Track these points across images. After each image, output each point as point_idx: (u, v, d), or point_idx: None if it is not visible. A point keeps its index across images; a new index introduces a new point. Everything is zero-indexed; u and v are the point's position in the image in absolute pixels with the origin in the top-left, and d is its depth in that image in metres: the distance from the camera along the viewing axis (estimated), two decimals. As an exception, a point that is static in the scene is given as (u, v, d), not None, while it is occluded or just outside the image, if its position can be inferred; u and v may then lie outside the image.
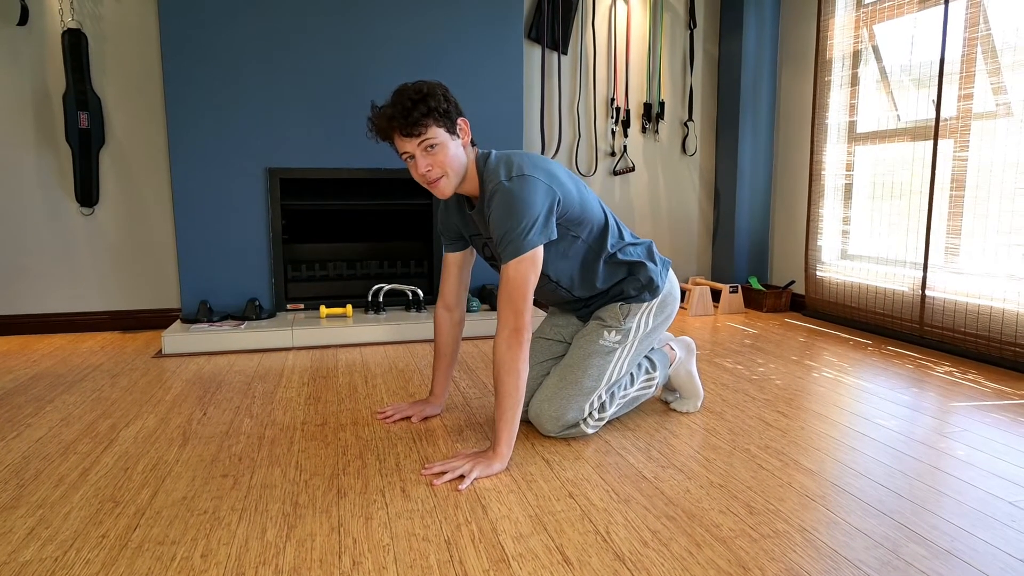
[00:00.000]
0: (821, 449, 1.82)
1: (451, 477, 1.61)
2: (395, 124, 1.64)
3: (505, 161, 1.71)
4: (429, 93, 1.63)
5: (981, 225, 2.77)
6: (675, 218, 4.25)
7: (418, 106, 1.61)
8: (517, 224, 1.63)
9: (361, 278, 3.58)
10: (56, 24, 3.19)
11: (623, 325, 1.90)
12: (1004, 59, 2.64)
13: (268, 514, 1.46)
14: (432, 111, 1.63)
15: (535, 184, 1.65)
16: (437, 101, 1.63)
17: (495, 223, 1.66)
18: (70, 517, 1.45)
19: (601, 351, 1.88)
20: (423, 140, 1.64)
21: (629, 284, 1.91)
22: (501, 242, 1.65)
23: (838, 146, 3.53)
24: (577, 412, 1.84)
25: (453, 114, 1.67)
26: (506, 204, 1.64)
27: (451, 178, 1.69)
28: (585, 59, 3.95)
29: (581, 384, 1.85)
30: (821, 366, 2.68)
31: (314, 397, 2.30)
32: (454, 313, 2.00)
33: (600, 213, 1.84)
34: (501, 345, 1.65)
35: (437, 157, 1.66)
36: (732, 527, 1.40)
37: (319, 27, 3.28)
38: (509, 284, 1.64)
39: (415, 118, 1.61)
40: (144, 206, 3.41)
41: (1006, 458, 1.76)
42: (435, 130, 1.64)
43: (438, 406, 2.08)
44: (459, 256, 1.97)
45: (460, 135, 1.70)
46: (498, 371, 1.66)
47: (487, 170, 1.71)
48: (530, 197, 1.64)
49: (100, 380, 2.52)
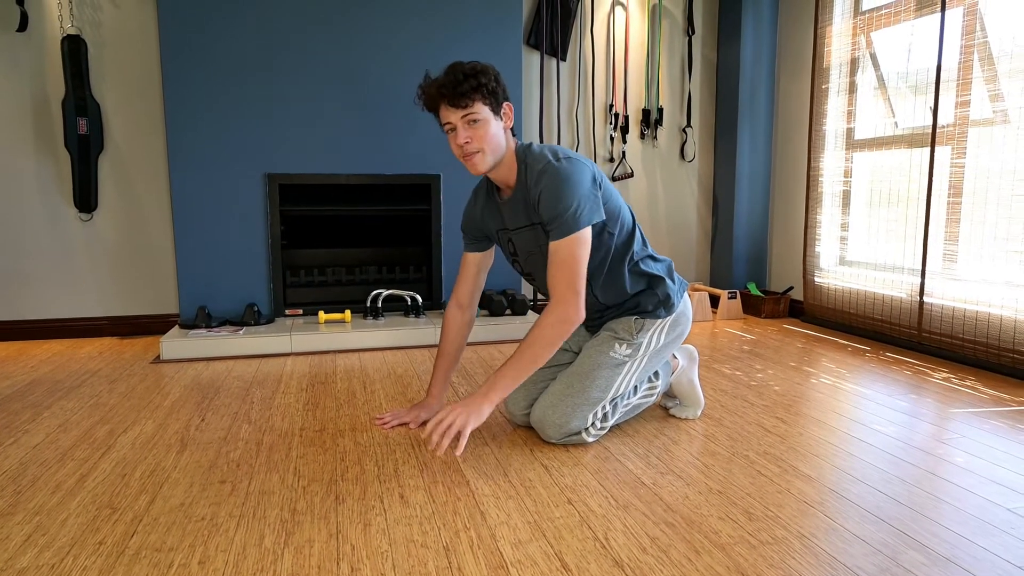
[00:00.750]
0: (820, 455, 1.82)
1: (449, 440, 1.61)
2: (444, 92, 1.68)
3: (550, 148, 1.78)
4: (481, 71, 1.69)
5: (979, 232, 2.78)
6: (674, 224, 4.25)
7: (469, 79, 1.67)
8: (570, 203, 1.67)
9: (360, 284, 3.58)
10: (55, 30, 3.20)
11: (635, 339, 1.90)
12: (1001, 66, 2.65)
13: (266, 520, 1.46)
14: (481, 87, 1.68)
15: (582, 166, 1.73)
16: (487, 79, 1.69)
17: (545, 202, 1.69)
18: (67, 524, 1.44)
19: (611, 363, 1.88)
20: (467, 113, 1.69)
21: (647, 297, 1.92)
22: (552, 222, 1.69)
23: (836, 153, 3.54)
24: (581, 421, 1.84)
25: (500, 96, 1.73)
26: (556, 183, 1.68)
27: (487, 155, 1.73)
28: (584, 65, 3.96)
29: (588, 394, 1.85)
30: (820, 372, 2.68)
31: (312, 403, 2.29)
32: (466, 313, 2.01)
33: (629, 217, 1.89)
34: (550, 318, 1.66)
35: (478, 131, 1.70)
36: (731, 533, 1.40)
37: (318, 32, 3.29)
38: (563, 262, 1.67)
39: (464, 90, 1.66)
40: (143, 212, 3.41)
41: (1005, 465, 1.76)
42: (480, 106, 1.69)
43: (435, 408, 2.08)
44: (479, 256, 1.98)
45: (503, 118, 1.75)
46: (536, 336, 1.66)
47: (530, 156, 1.76)
48: (578, 177, 1.70)
49: (98, 386, 2.51)
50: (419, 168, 3.50)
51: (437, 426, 1.64)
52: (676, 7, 4.07)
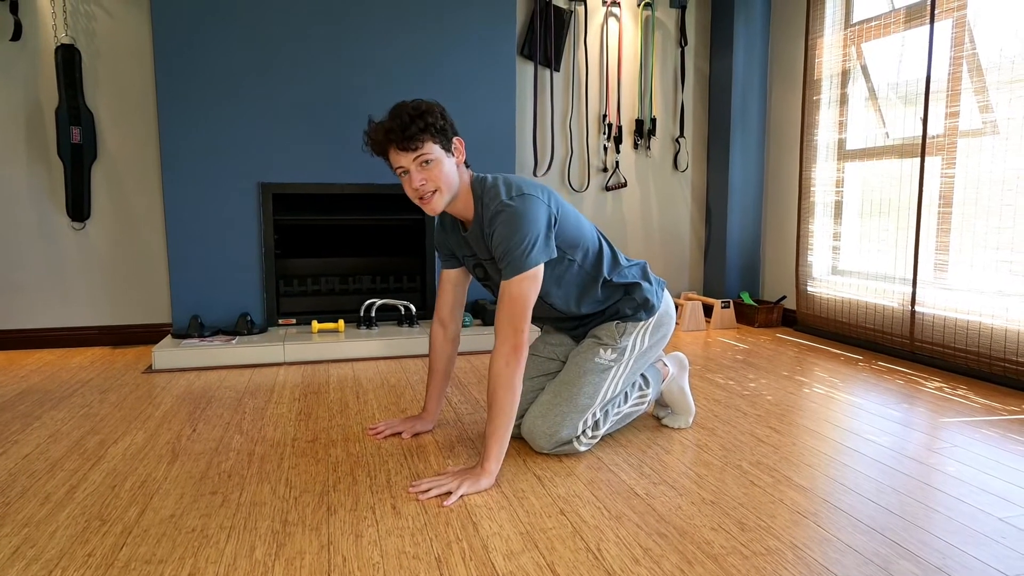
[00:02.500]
0: (812, 465, 1.82)
1: (437, 493, 1.61)
2: (392, 137, 1.66)
3: (504, 182, 1.74)
4: (427, 110, 1.66)
5: (969, 241, 2.79)
6: (667, 233, 4.27)
7: (416, 121, 1.64)
8: (520, 242, 1.65)
9: (353, 293, 3.57)
10: (50, 40, 3.20)
11: (619, 343, 1.90)
12: (990, 78, 2.68)
13: (257, 532, 1.45)
14: (429, 127, 1.65)
15: (535, 203, 1.69)
16: (434, 118, 1.66)
17: (497, 240, 1.68)
18: (56, 536, 1.43)
19: (597, 369, 1.88)
20: (419, 155, 1.67)
21: (625, 303, 1.93)
22: (503, 259, 1.67)
23: (828, 163, 3.56)
24: (571, 429, 1.84)
25: (449, 132, 1.71)
26: (509, 222, 1.66)
27: (444, 194, 1.71)
28: (577, 76, 3.98)
29: (576, 401, 1.85)
30: (812, 382, 2.68)
31: (305, 413, 2.28)
32: (448, 329, 2.00)
33: (595, 238, 1.87)
34: (499, 361, 1.66)
35: (432, 172, 1.68)
36: (724, 544, 1.40)
37: (313, 42, 3.30)
38: (510, 301, 1.66)
39: (412, 132, 1.64)
40: (136, 221, 3.40)
41: (996, 474, 1.76)
42: (431, 146, 1.67)
43: (430, 422, 2.08)
44: (455, 273, 1.98)
45: (455, 154, 1.73)
46: (494, 386, 1.66)
47: (485, 191, 1.74)
48: (532, 215, 1.67)
49: (89, 396, 2.50)
50: (413, 178, 3.50)
51: (432, 480, 1.66)
52: (669, 19, 4.10)
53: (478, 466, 1.68)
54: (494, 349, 1.67)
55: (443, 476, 1.68)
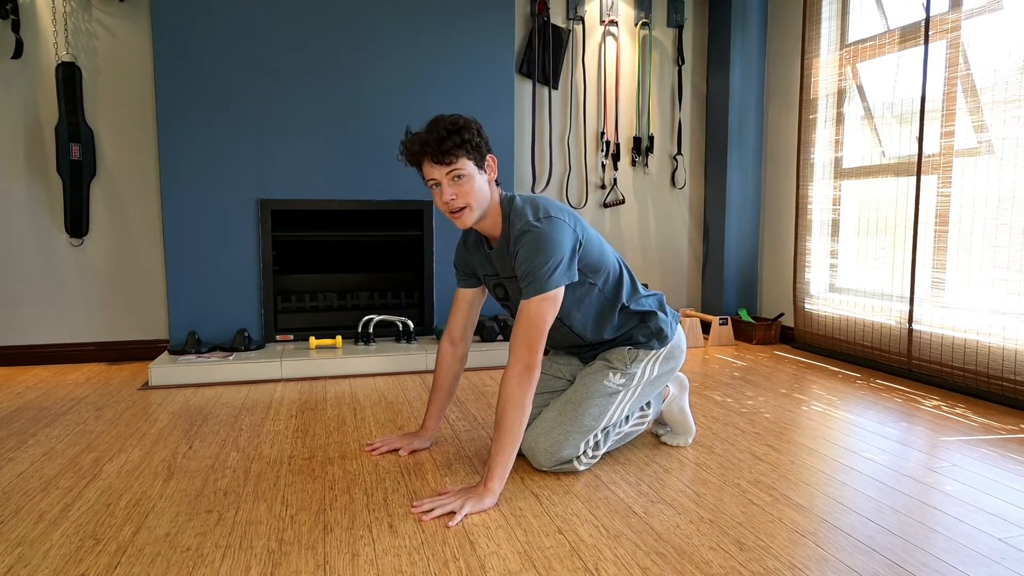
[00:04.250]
0: (811, 484, 1.82)
1: (441, 513, 1.60)
2: (428, 150, 1.68)
3: (531, 203, 1.76)
4: (464, 126, 1.68)
5: (965, 260, 2.80)
6: (665, 250, 4.28)
7: (452, 136, 1.66)
8: (544, 263, 1.66)
9: (351, 309, 3.57)
10: (50, 57, 3.22)
11: (628, 369, 1.91)
12: (984, 98, 2.70)
13: (252, 551, 1.44)
14: (465, 143, 1.67)
15: (562, 226, 1.71)
16: (471, 134, 1.69)
17: (521, 260, 1.69)
18: (49, 555, 1.42)
19: (604, 392, 1.88)
20: (452, 170, 1.68)
21: (639, 331, 1.94)
22: (525, 278, 1.68)
23: (824, 181, 3.58)
24: (573, 449, 1.84)
25: (484, 149, 1.73)
26: (535, 243, 1.68)
27: (474, 210, 1.73)
28: (575, 94, 4.00)
29: (580, 422, 1.84)
30: (810, 399, 2.68)
31: (302, 430, 2.27)
32: (458, 348, 2.01)
33: (616, 264, 1.89)
34: (511, 380, 1.66)
35: (463, 188, 1.70)
36: (722, 564, 1.39)
37: (312, 59, 3.32)
38: (527, 321, 1.67)
39: (448, 147, 1.66)
40: (134, 237, 3.41)
41: (994, 493, 1.76)
42: (465, 161, 1.69)
43: (427, 439, 2.07)
44: (471, 293, 1.99)
45: (487, 171, 1.75)
46: (504, 405, 1.66)
47: (513, 211, 1.76)
48: (558, 237, 1.69)
49: (85, 413, 2.49)
50: (411, 194, 3.52)
51: (434, 499, 1.65)
52: (666, 38, 4.13)
53: (481, 484, 1.67)
54: (507, 367, 1.67)
55: (445, 495, 1.66)
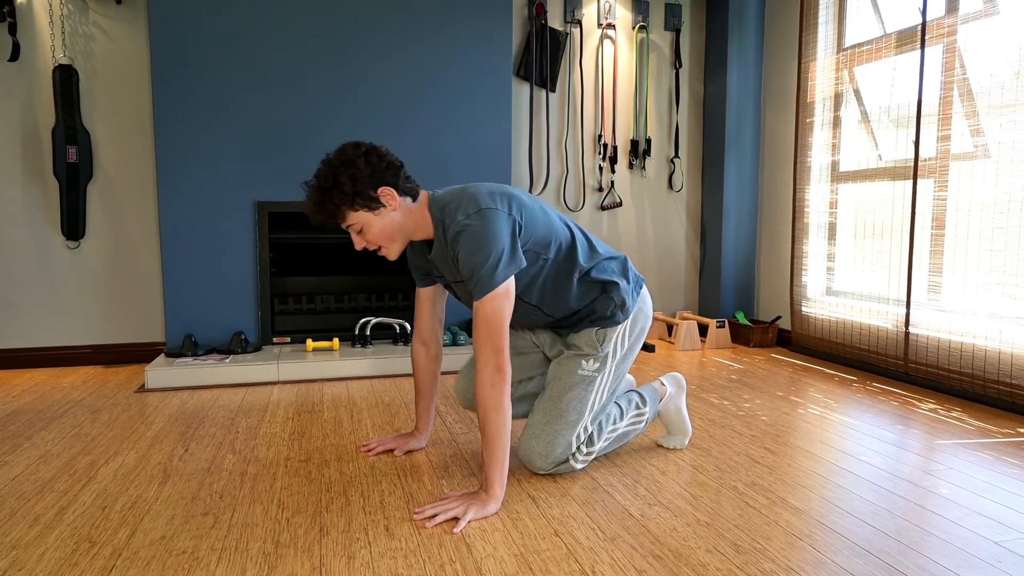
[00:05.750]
0: (808, 487, 1.82)
1: (444, 519, 1.59)
2: (316, 218, 1.70)
3: (459, 200, 1.71)
4: (336, 183, 1.64)
5: (962, 263, 2.81)
6: (662, 253, 4.28)
7: (325, 205, 1.66)
8: (484, 260, 1.62)
9: (348, 311, 3.57)
10: (48, 60, 3.21)
11: (600, 351, 1.88)
12: (980, 102, 2.71)
13: (248, 554, 1.43)
14: (341, 203, 1.66)
15: (495, 216, 1.66)
16: (343, 191, 1.64)
17: (463, 262, 1.65)
18: (44, 559, 1.42)
19: (581, 382, 1.86)
20: (347, 227, 1.71)
21: (601, 303, 1.87)
22: (471, 280, 1.64)
23: (821, 184, 3.59)
24: (565, 447, 1.83)
25: (367, 190, 1.66)
26: (471, 241, 1.63)
27: (390, 246, 1.75)
28: (573, 96, 4.01)
29: (566, 418, 1.84)
30: (807, 402, 2.68)
31: (298, 432, 2.27)
32: (430, 348, 2.01)
33: (565, 230, 1.82)
34: (485, 384, 1.64)
35: (367, 236, 1.72)
36: (719, 567, 1.39)
37: (309, 62, 3.33)
38: (485, 321, 1.63)
39: (326, 214, 1.68)
40: (130, 240, 3.40)
41: (990, 497, 1.76)
42: (352, 215, 1.69)
43: (422, 440, 2.08)
44: (430, 291, 1.98)
45: (385, 203, 1.69)
46: (484, 409, 1.65)
47: (444, 214, 1.71)
48: (494, 229, 1.64)
49: (81, 416, 2.48)
50: (409, 197, 3.51)
51: (436, 505, 1.64)
52: (663, 41, 4.14)
53: (482, 491, 1.66)
54: (477, 372, 1.65)
55: (446, 500, 1.65)
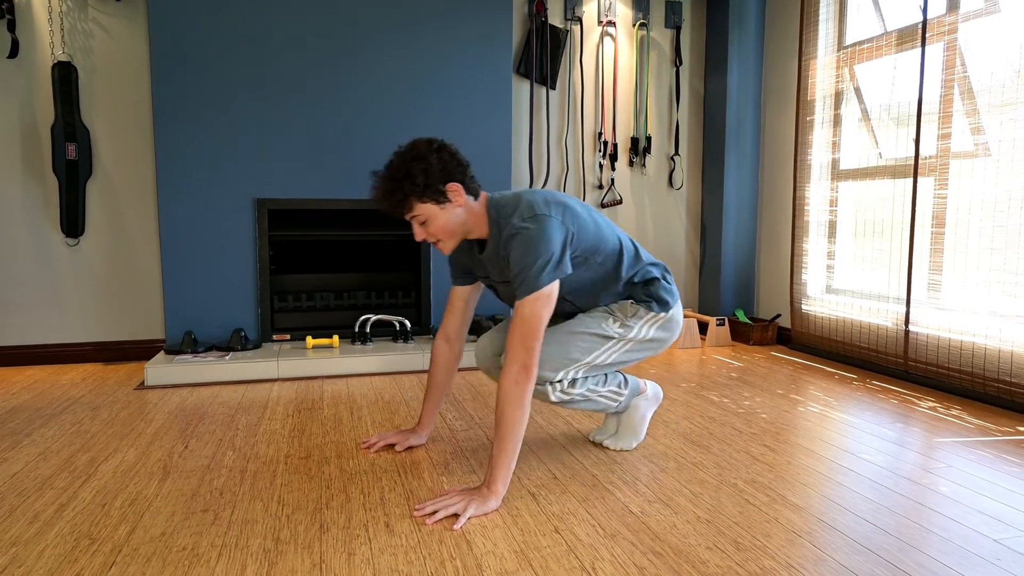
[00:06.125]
0: (808, 484, 1.82)
1: (444, 515, 1.59)
2: (382, 208, 1.75)
3: (515, 204, 1.77)
4: (406, 175, 1.70)
5: (962, 262, 2.81)
6: (662, 250, 4.28)
7: (395, 193, 1.71)
8: (533, 262, 1.68)
9: (348, 309, 3.56)
10: (47, 57, 3.21)
11: (628, 320, 1.92)
12: (981, 100, 2.71)
13: (249, 550, 1.43)
14: (410, 194, 1.71)
15: (550, 223, 1.72)
16: (414, 183, 1.70)
17: (513, 262, 1.71)
18: (44, 555, 1.42)
19: (600, 333, 1.89)
20: (411, 217, 1.75)
21: (640, 290, 1.95)
22: (517, 279, 1.70)
23: (821, 182, 3.59)
24: (551, 372, 1.85)
25: (437, 184, 1.72)
26: (524, 244, 1.69)
27: (447, 241, 1.79)
28: (573, 94, 4.01)
29: (567, 350, 1.86)
30: (807, 400, 2.68)
31: (298, 429, 2.27)
32: (454, 346, 2.03)
33: (614, 240, 1.89)
34: (508, 379, 1.66)
35: (429, 228, 1.77)
36: (719, 564, 1.39)
37: (309, 59, 3.32)
38: (522, 320, 1.67)
39: (394, 203, 1.72)
40: (130, 237, 3.40)
41: (990, 495, 1.76)
42: (420, 207, 1.73)
43: (423, 436, 2.08)
44: (466, 290, 2.01)
45: (452, 198, 1.74)
46: (503, 406, 1.65)
47: (501, 214, 1.77)
48: (547, 235, 1.70)
49: (80, 413, 2.48)
50: (409, 194, 3.51)
51: (437, 501, 1.63)
52: (664, 39, 4.14)
53: (484, 486, 1.66)
54: (503, 367, 1.67)
55: (447, 496, 1.65)
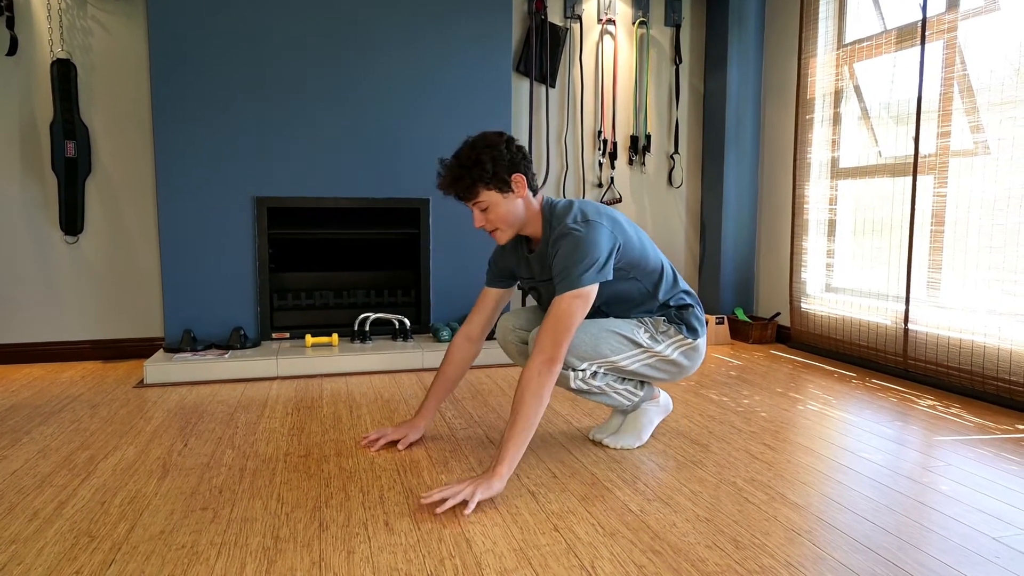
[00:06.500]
0: (807, 483, 1.82)
1: (453, 503, 1.59)
2: (450, 192, 1.82)
3: (571, 208, 1.85)
4: (477, 161, 1.77)
5: (961, 260, 2.81)
6: (661, 249, 4.27)
7: (464, 178, 1.79)
8: (579, 262, 1.73)
9: (348, 307, 3.56)
10: (45, 54, 3.20)
11: (657, 335, 1.96)
12: (980, 98, 2.71)
13: (248, 548, 1.43)
14: (479, 179, 1.78)
15: (600, 229, 1.79)
16: (483, 169, 1.77)
17: (558, 259, 1.77)
18: (43, 553, 1.42)
19: (631, 338, 1.93)
20: (475, 203, 1.81)
21: (674, 313, 2.00)
22: (559, 276, 1.75)
23: (821, 181, 3.59)
24: (577, 360, 1.88)
25: (504, 173, 1.79)
26: (572, 244, 1.76)
27: (505, 230, 1.86)
28: (573, 92, 4.00)
29: (598, 344, 1.89)
30: (806, 398, 2.68)
31: (298, 427, 2.27)
32: (474, 345, 2.07)
33: (658, 264, 1.96)
34: (533, 369, 1.69)
35: (490, 216, 1.83)
36: (718, 562, 1.39)
37: (308, 58, 3.32)
38: (556, 316, 1.71)
39: (463, 187, 1.79)
40: (129, 235, 3.40)
41: (989, 493, 1.76)
42: (486, 193, 1.80)
43: (422, 428, 2.09)
44: (498, 293, 2.06)
45: (515, 189, 1.82)
46: (522, 392, 1.68)
47: (555, 216, 1.85)
48: (595, 239, 1.77)
49: (79, 411, 2.48)
50: (408, 192, 3.51)
51: (444, 490, 1.63)
52: (663, 37, 4.13)
53: (490, 470, 1.67)
54: (530, 358, 1.71)
55: (452, 486, 1.65)
